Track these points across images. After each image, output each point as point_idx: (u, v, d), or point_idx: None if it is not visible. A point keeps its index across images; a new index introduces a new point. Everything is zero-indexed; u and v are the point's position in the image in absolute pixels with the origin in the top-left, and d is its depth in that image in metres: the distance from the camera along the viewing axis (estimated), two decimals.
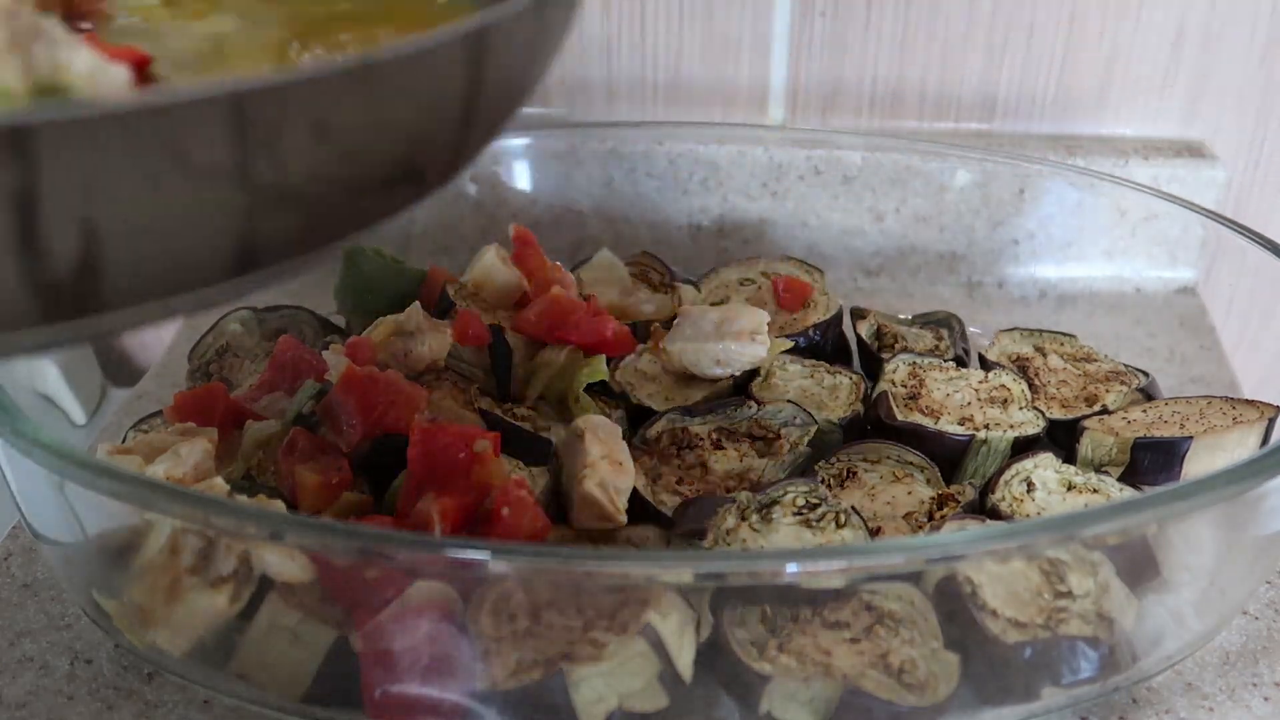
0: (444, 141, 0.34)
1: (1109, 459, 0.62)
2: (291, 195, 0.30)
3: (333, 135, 0.30)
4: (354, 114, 0.30)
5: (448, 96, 0.33)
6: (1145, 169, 0.85)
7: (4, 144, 0.25)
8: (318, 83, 0.29)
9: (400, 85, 0.31)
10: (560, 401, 0.64)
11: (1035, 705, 0.50)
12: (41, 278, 0.27)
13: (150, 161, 0.27)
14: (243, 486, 0.55)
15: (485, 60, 0.33)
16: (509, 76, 0.35)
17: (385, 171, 0.33)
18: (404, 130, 0.32)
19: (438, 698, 0.47)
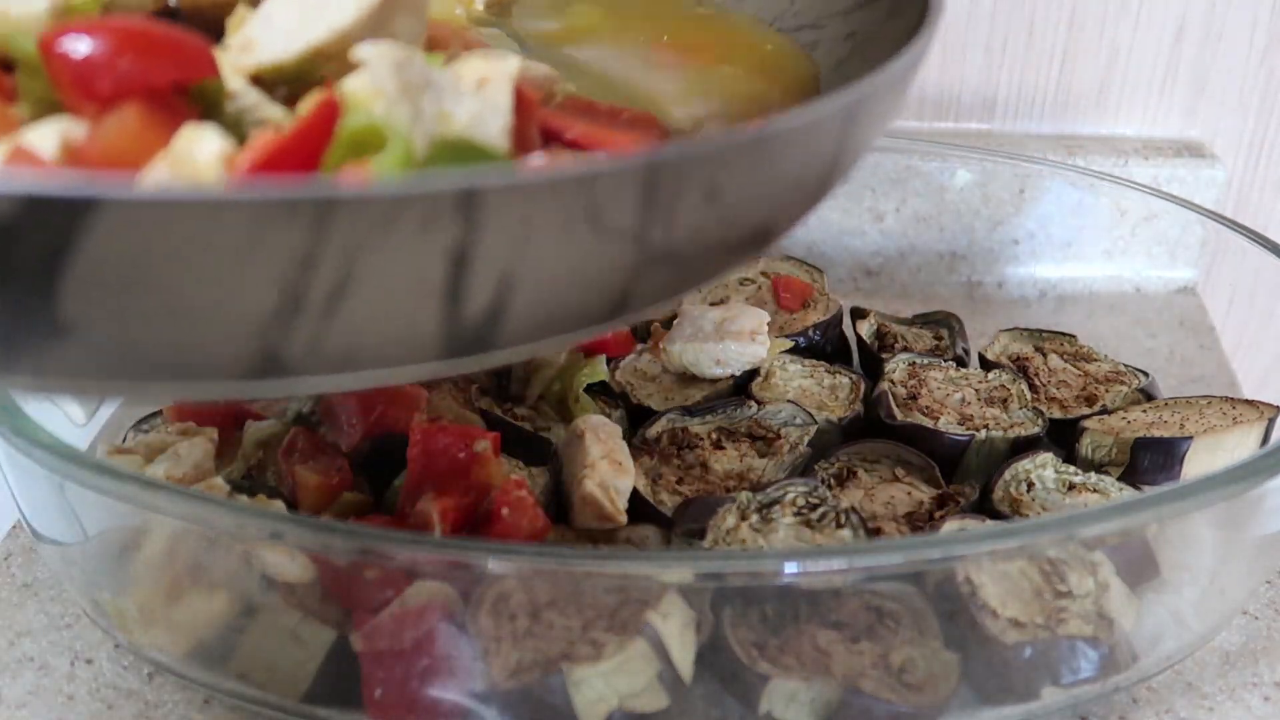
0: (801, 201, 0.37)
1: (1109, 459, 0.62)
2: (674, 253, 0.32)
3: (719, 200, 0.32)
4: (741, 181, 0.32)
5: (819, 162, 0.35)
6: (1145, 169, 0.85)
7: (452, 203, 0.27)
8: (720, 152, 0.31)
9: (785, 154, 0.33)
10: (560, 401, 0.64)
11: (1035, 705, 0.50)
12: (457, 321, 0.29)
13: (570, 223, 0.29)
14: (243, 486, 0.55)
15: (854, 127, 0.35)
16: (864, 138, 0.37)
17: (749, 230, 0.35)
18: (777, 193, 0.34)
19: (438, 698, 0.47)
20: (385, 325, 0.29)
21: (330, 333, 0.28)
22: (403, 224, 0.27)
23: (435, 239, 0.27)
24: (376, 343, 0.29)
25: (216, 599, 0.49)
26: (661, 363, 0.67)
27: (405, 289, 0.28)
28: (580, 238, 0.30)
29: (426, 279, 0.28)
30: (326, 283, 0.27)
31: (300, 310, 0.28)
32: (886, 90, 0.36)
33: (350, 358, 0.29)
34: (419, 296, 0.29)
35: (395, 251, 0.27)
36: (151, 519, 0.49)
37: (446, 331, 0.30)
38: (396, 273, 0.28)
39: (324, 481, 0.55)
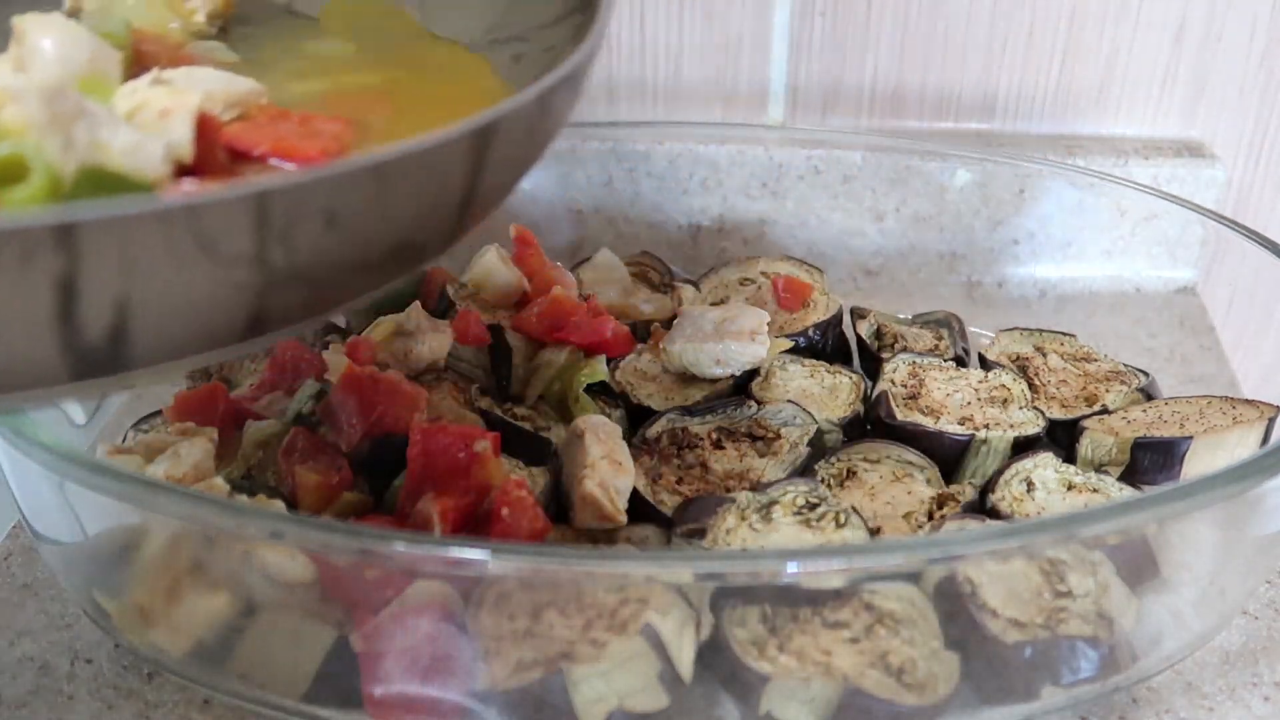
0: (443, 223, 0.37)
1: (1109, 459, 0.62)
2: (300, 276, 0.33)
3: (341, 225, 0.33)
4: (362, 206, 0.33)
5: (451, 185, 0.36)
6: (1145, 169, 0.85)
7: (50, 238, 0.28)
8: (331, 181, 0.32)
9: (407, 179, 0.34)
10: (560, 401, 0.64)
11: (1035, 705, 0.50)
12: (76, 345, 0.30)
13: (180, 251, 0.30)
14: (243, 486, 0.55)
15: (488, 150, 0.36)
16: (510, 162, 0.38)
17: (387, 251, 0.36)
18: (408, 218, 0.35)
19: (438, 697, 0.47)
20: (3, 351, 0.30)
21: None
22: (3, 257, 0.28)
23: (39, 270, 0.28)
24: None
25: (216, 599, 0.49)
26: (661, 363, 0.67)
27: (17, 317, 0.29)
28: (195, 264, 0.31)
29: (37, 307, 0.29)
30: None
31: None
32: (523, 115, 0.37)
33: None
34: (33, 324, 0.30)
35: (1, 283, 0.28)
36: (151, 519, 0.49)
37: (70, 355, 0.31)
38: (5, 302, 0.29)
39: (324, 481, 0.55)
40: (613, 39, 0.87)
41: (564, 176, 0.85)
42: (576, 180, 0.85)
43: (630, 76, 0.88)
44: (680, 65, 0.88)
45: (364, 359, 0.61)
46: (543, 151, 0.41)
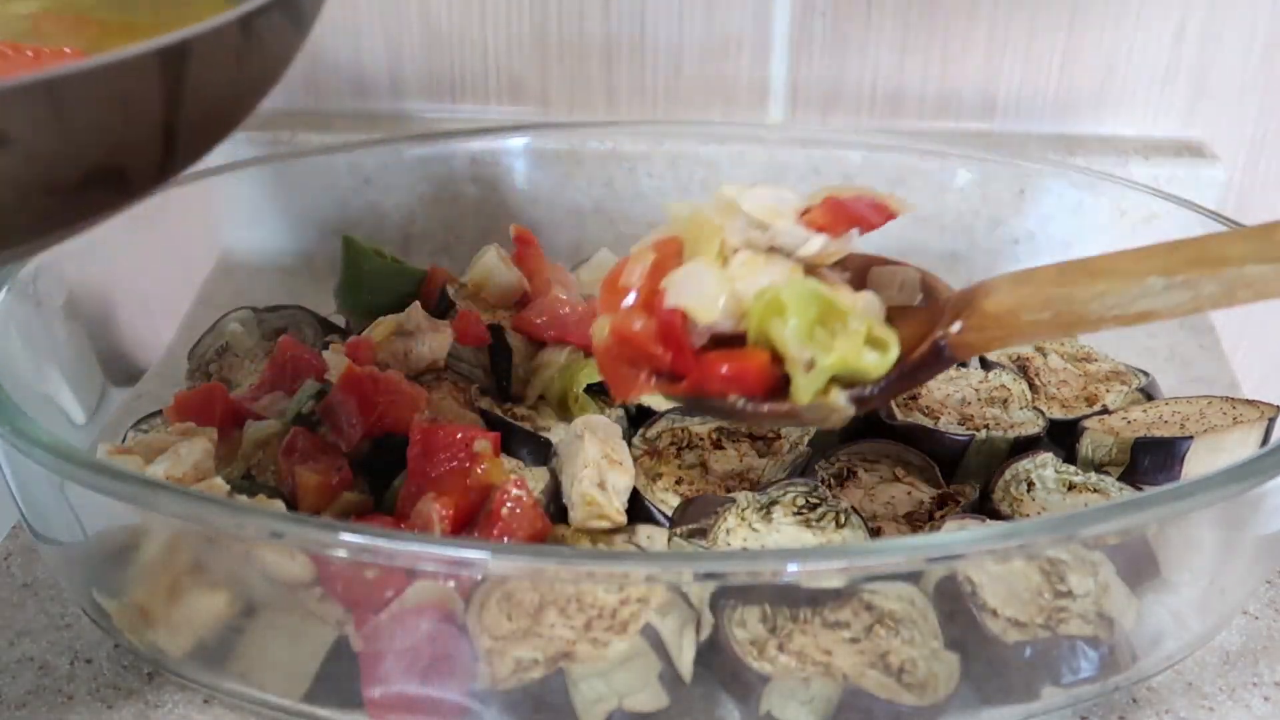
0: (147, 150, 0.36)
1: (1109, 459, 0.62)
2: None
3: (16, 144, 0.32)
4: (39, 125, 0.32)
5: (144, 108, 0.35)
6: (1145, 169, 0.85)
7: None
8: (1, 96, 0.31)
9: (89, 98, 0.33)
10: (560, 401, 0.64)
11: (1035, 705, 0.50)
12: None
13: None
14: (243, 486, 0.55)
15: (185, 73, 0.35)
16: (217, 89, 0.37)
17: (80, 176, 0.35)
18: (96, 140, 0.34)
19: (438, 697, 0.47)
20: None
21: None
22: None
23: None
24: None
25: (216, 599, 0.49)
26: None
27: None
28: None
29: None
30: None
31: None
32: (218, 39, 0.36)
33: None
34: None
35: None
36: (151, 519, 0.49)
37: None
38: None
39: (324, 481, 0.55)
40: (612, 39, 0.87)
41: (564, 176, 0.85)
42: (576, 180, 0.85)
43: (630, 76, 0.88)
44: (680, 65, 0.88)
45: (364, 359, 0.61)
46: (265, 83, 0.40)
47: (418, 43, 0.88)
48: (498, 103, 0.90)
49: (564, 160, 0.84)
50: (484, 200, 0.83)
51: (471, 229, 0.83)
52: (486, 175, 0.83)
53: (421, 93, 0.89)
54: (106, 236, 0.65)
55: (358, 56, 0.88)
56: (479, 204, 0.83)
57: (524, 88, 0.89)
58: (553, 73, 0.88)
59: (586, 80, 0.88)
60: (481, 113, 0.90)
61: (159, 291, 0.78)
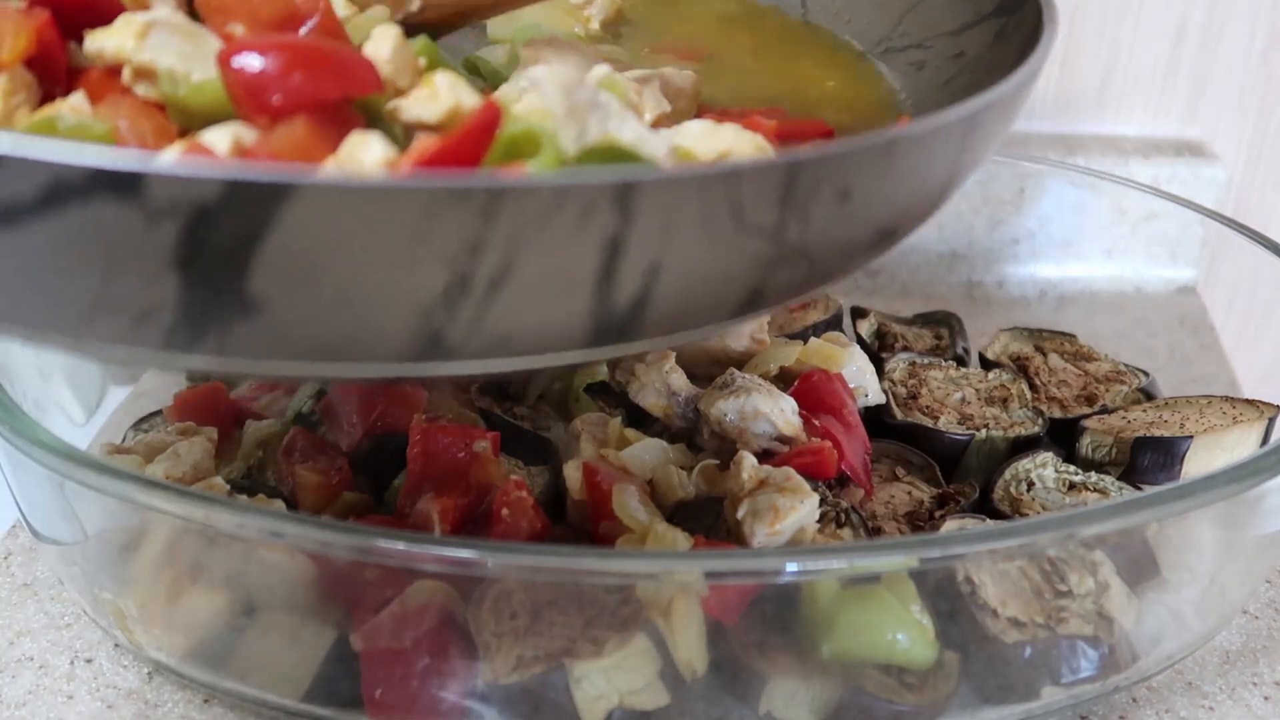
0: (922, 206, 0.39)
1: (1109, 458, 0.62)
2: (806, 251, 0.34)
3: (852, 201, 0.34)
4: (871, 183, 0.34)
5: (938, 168, 0.37)
6: (1145, 168, 0.85)
7: (610, 195, 0.29)
8: (853, 154, 0.33)
9: (910, 159, 0.35)
10: (560, 401, 0.64)
11: (1035, 704, 0.50)
12: (604, 308, 0.32)
13: (713, 217, 0.31)
14: (243, 486, 0.55)
15: (972, 135, 0.37)
16: (982, 147, 0.40)
17: (877, 232, 0.37)
18: (901, 198, 0.37)
19: (438, 697, 0.47)
20: (542, 311, 0.31)
21: (491, 317, 0.30)
22: (564, 213, 0.29)
23: (593, 228, 0.30)
24: (532, 327, 0.32)
25: (216, 599, 0.49)
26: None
27: (563, 275, 0.30)
28: (723, 232, 0.32)
29: (583, 266, 0.30)
30: (491, 268, 0.29)
31: (465, 294, 0.30)
32: (1003, 103, 0.38)
33: (506, 342, 0.32)
34: (575, 283, 0.31)
35: (555, 239, 0.29)
36: (151, 519, 0.49)
37: (595, 319, 0.32)
38: (556, 259, 0.30)
39: (324, 481, 0.55)
40: None
41: None
42: None
43: None
44: None
45: None
46: (996, 145, 0.42)
47: None
48: None
49: None
50: None
51: None
52: None
53: None
54: None
55: None
56: None
57: None
58: None
59: None
60: None
61: None
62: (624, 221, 0.30)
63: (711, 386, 0.59)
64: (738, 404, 0.57)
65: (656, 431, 0.61)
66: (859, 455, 0.59)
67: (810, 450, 0.57)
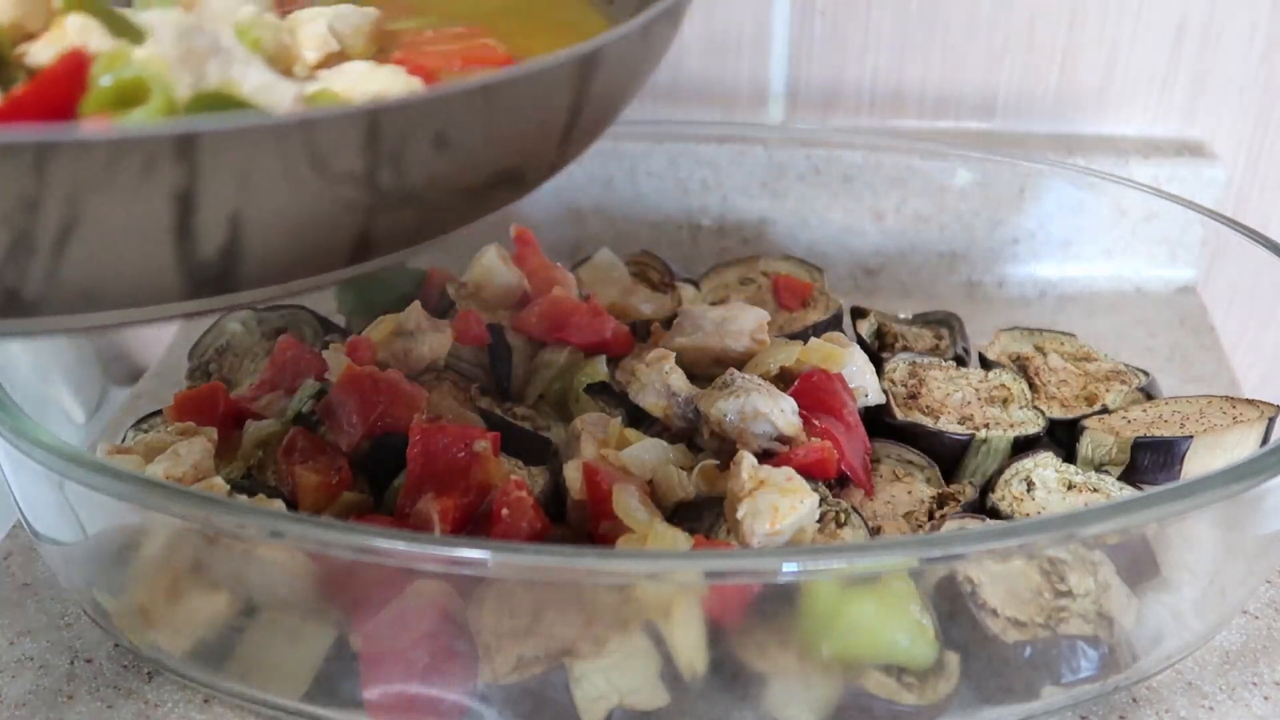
0: (546, 151, 0.38)
1: (1109, 458, 0.62)
2: (409, 197, 0.34)
3: (451, 147, 0.34)
4: (471, 129, 0.34)
5: (555, 112, 0.37)
6: (1145, 168, 0.85)
7: (171, 148, 0.29)
8: (442, 101, 0.33)
9: (515, 103, 0.35)
10: (560, 401, 0.64)
11: (1035, 704, 0.50)
12: (190, 260, 0.31)
13: (293, 167, 0.31)
14: (243, 486, 0.55)
15: (592, 79, 0.37)
16: (612, 92, 0.39)
17: (492, 177, 0.36)
18: (513, 142, 0.36)
19: (438, 697, 0.47)
20: (121, 264, 0.31)
21: (64, 272, 0.30)
22: (124, 168, 0.29)
23: (158, 182, 0.29)
24: (115, 281, 0.31)
25: (216, 599, 0.49)
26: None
27: (135, 229, 0.30)
28: (306, 181, 0.31)
29: (154, 220, 0.30)
30: (53, 225, 0.29)
31: (31, 252, 0.29)
32: (627, 46, 0.37)
33: (91, 296, 0.31)
34: (150, 237, 0.30)
35: (119, 194, 0.29)
36: (151, 519, 0.49)
37: (184, 271, 0.31)
38: (124, 214, 0.29)
39: (324, 481, 0.55)
40: None
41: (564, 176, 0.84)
42: (576, 180, 0.85)
43: None
44: (680, 65, 0.88)
45: (364, 359, 0.61)
46: (640, 87, 0.42)
47: None
48: None
49: None
50: None
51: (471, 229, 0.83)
52: None
53: None
54: None
55: None
56: None
57: None
58: None
59: None
60: None
61: None
62: (190, 174, 0.29)
63: (711, 386, 0.59)
64: (738, 404, 0.57)
65: (656, 431, 0.61)
66: (859, 455, 0.59)
67: (810, 450, 0.57)
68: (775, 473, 0.53)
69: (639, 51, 0.39)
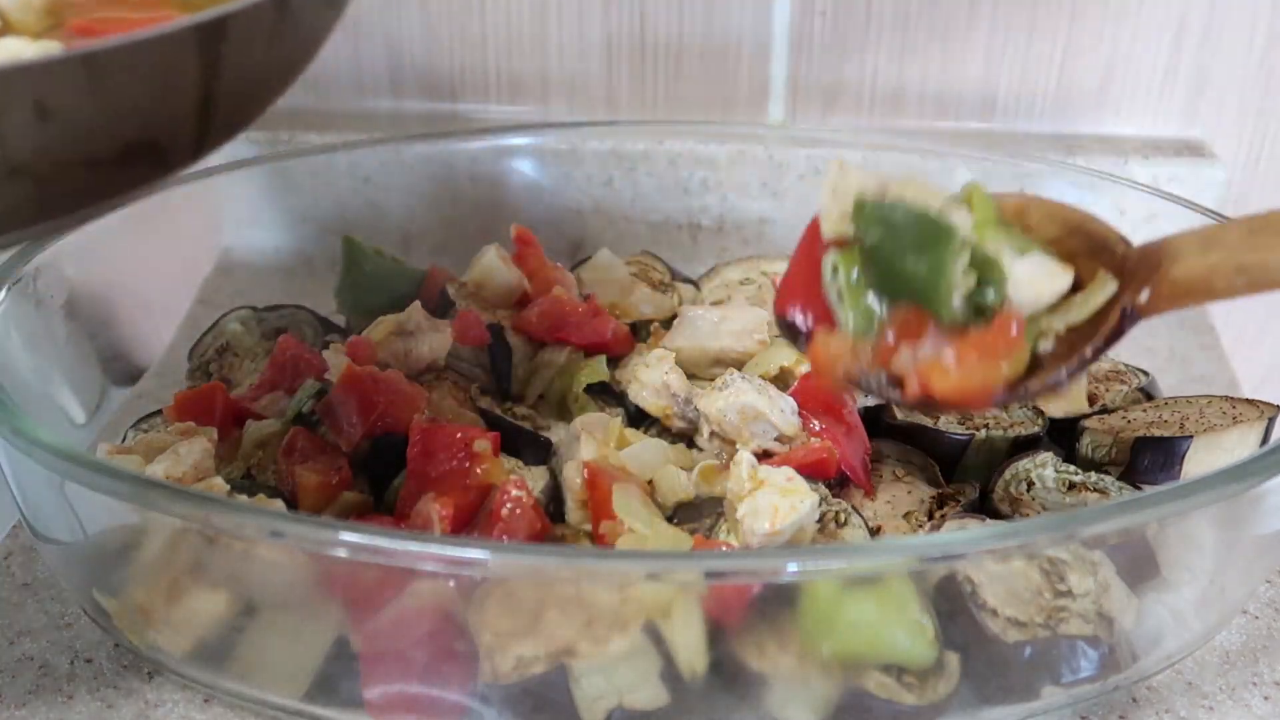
0: (182, 124, 0.37)
1: (1109, 458, 0.62)
2: (19, 168, 0.33)
3: (56, 117, 0.32)
4: (77, 98, 0.32)
5: (181, 83, 0.35)
6: (1145, 168, 0.85)
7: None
8: (37, 70, 0.31)
9: (127, 72, 0.33)
10: (560, 401, 0.64)
11: (1035, 704, 0.50)
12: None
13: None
14: (243, 486, 0.55)
15: (222, 49, 0.35)
16: (252, 65, 0.37)
17: (119, 150, 0.35)
18: (134, 113, 0.34)
19: (438, 696, 0.47)
20: None
21: None
22: None
23: None
24: None
25: (216, 599, 0.49)
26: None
27: None
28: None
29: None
30: None
31: None
32: (255, 16, 0.36)
33: None
34: None
35: None
36: (151, 519, 0.49)
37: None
38: None
39: (324, 481, 0.55)
40: (613, 39, 0.87)
41: (564, 177, 0.85)
42: (576, 180, 0.85)
43: (630, 76, 0.88)
44: (680, 65, 0.88)
45: (364, 359, 0.61)
46: (296, 65, 0.40)
47: (418, 43, 0.88)
48: (498, 103, 0.90)
49: (564, 160, 0.84)
50: (484, 200, 0.84)
51: (471, 229, 0.83)
52: (486, 175, 0.83)
53: (421, 93, 0.89)
54: (106, 236, 0.65)
55: (357, 56, 0.88)
56: (479, 204, 0.83)
57: (524, 88, 0.89)
58: (552, 71, 0.88)
59: (586, 80, 0.88)
60: (481, 113, 0.90)
61: (159, 291, 0.78)
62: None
63: (711, 386, 0.59)
64: (738, 404, 0.57)
65: (656, 432, 0.61)
66: (859, 455, 0.59)
67: (810, 450, 0.57)
68: (775, 473, 0.53)
69: (276, 25, 0.38)
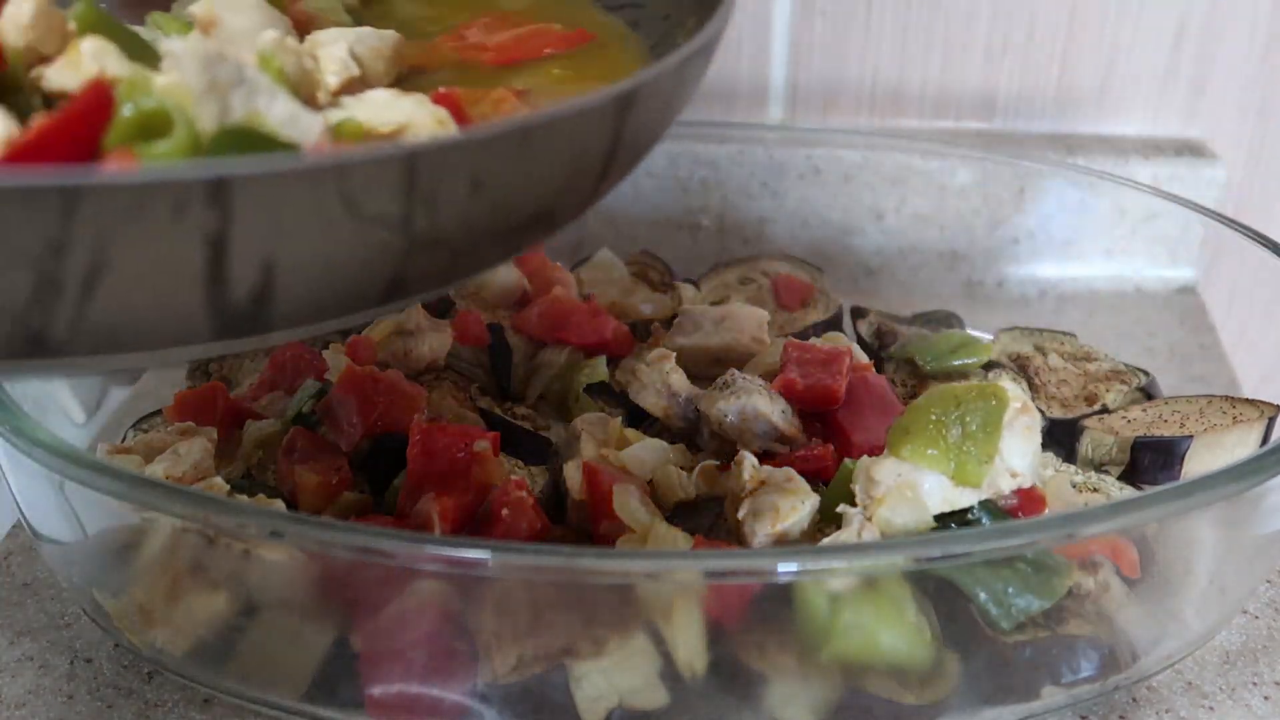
0: (580, 190, 0.37)
1: (1109, 458, 0.62)
2: (443, 239, 0.33)
3: (485, 189, 0.33)
4: (507, 171, 0.33)
5: (591, 152, 0.36)
6: (1145, 168, 0.85)
7: (202, 192, 0.28)
8: (479, 144, 0.32)
9: (551, 144, 0.34)
10: (560, 401, 0.64)
11: (1035, 704, 0.50)
12: (221, 304, 0.30)
13: (327, 210, 0.30)
14: (243, 486, 0.55)
15: (629, 117, 0.36)
16: (646, 129, 0.38)
17: (526, 218, 0.35)
18: (548, 183, 0.35)
19: (438, 696, 0.47)
20: (148, 308, 0.30)
21: (91, 316, 0.29)
22: (153, 211, 0.28)
23: (189, 225, 0.28)
24: (141, 324, 0.30)
25: (216, 599, 0.49)
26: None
27: (164, 273, 0.29)
28: (339, 224, 0.30)
29: (185, 264, 0.29)
30: (81, 268, 0.28)
31: (58, 295, 0.28)
32: (662, 83, 0.36)
33: (116, 339, 0.30)
34: (179, 281, 0.29)
35: (148, 237, 0.28)
36: (151, 519, 0.49)
37: (214, 314, 0.30)
38: (152, 258, 0.28)
39: (324, 481, 0.55)
40: None
41: None
42: None
43: None
44: None
45: (364, 358, 0.61)
46: (671, 122, 0.41)
47: None
48: None
49: None
50: None
51: None
52: None
53: None
54: None
55: None
56: None
57: None
58: None
59: None
60: None
61: None
62: (223, 218, 0.28)
63: (711, 386, 0.59)
64: (738, 404, 0.57)
65: (656, 431, 0.61)
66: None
67: (810, 450, 0.57)
68: (775, 473, 0.53)
69: (673, 90, 0.39)
